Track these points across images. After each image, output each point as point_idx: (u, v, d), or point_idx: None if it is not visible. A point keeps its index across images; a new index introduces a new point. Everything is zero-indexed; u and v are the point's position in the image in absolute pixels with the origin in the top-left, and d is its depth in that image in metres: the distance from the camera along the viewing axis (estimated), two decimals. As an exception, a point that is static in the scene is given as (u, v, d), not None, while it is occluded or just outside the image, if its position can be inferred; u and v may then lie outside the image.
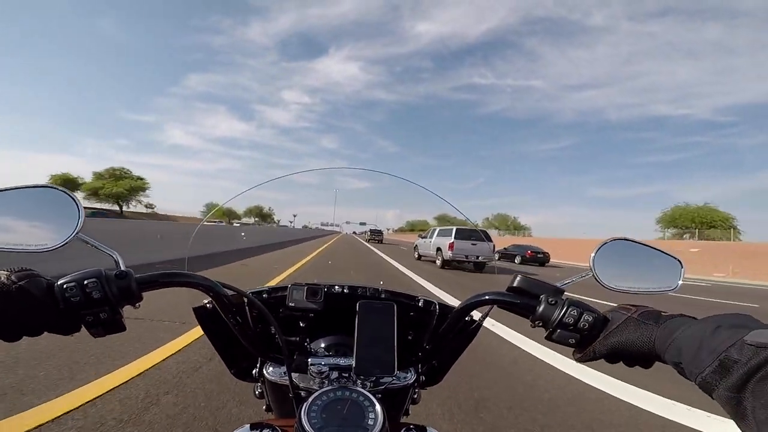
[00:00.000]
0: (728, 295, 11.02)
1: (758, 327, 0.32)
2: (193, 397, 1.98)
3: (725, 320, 0.35)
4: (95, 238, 0.46)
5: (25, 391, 1.92)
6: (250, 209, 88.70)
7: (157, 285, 0.48)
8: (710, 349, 0.33)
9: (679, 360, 0.36)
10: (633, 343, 0.41)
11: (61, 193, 0.46)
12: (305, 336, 0.64)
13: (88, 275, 0.43)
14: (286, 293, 0.63)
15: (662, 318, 0.41)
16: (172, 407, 1.86)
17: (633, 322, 0.42)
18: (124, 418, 1.73)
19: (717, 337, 0.33)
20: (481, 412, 2.07)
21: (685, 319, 0.39)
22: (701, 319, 0.37)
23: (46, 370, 2.15)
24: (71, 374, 2.14)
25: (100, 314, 0.43)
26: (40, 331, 0.41)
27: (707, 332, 0.34)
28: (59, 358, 2.33)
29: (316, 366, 0.58)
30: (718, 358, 0.32)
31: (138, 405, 1.85)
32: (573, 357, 0.48)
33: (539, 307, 0.49)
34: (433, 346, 0.66)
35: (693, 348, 0.34)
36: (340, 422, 0.45)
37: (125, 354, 2.48)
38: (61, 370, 2.19)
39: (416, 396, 0.70)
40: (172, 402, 1.92)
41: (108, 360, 2.37)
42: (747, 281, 18.20)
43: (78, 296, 0.42)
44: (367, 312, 0.60)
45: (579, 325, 0.46)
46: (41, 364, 2.23)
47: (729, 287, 14.45)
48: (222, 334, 0.64)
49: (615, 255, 0.53)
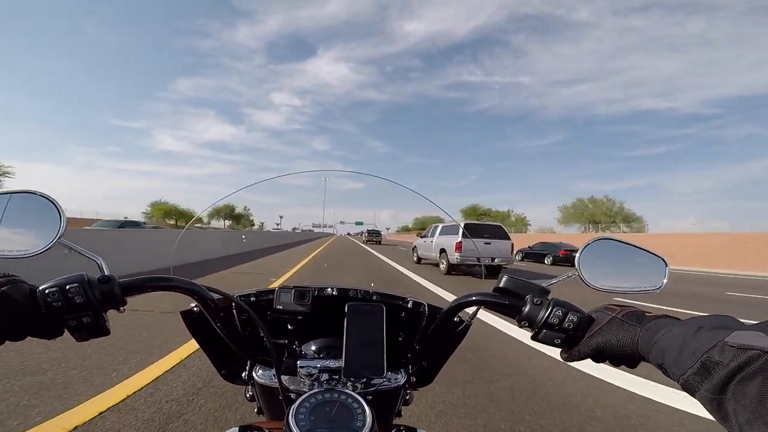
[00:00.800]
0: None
1: (739, 328, 0.32)
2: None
3: (707, 321, 0.35)
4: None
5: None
6: (217, 210, 72.09)
7: (142, 289, 0.48)
8: (691, 350, 0.33)
9: (663, 361, 0.36)
10: (617, 343, 0.41)
11: (42, 198, 0.46)
12: (294, 339, 0.64)
13: (70, 280, 0.43)
14: (273, 296, 0.62)
15: (646, 319, 0.41)
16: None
17: (617, 323, 0.42)
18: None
19: (698, 339, 0.33)
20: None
21: (668, 320, 0.39)
22: (684, 321, 0.37)
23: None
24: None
25: (83, 318, 0.43)
26: (23, 335, 0.42)
27: (689, 334, 0.34)
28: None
29: (306, 368, 0.58)
30: (700, 360, 0.32)
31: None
32: (561, 356, 0.48)
33: (525, 307, 0.49)
34: (423, 347, 0.66)
35: (675, 349, 0.35)
36: (329, 424, 0.45)
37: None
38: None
39: (408, 397, 0.70)
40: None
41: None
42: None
43: (60, 301, 0.42)
44: (356, 314, 0.60)
45: (564, 325, 0.46)
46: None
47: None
48: (211, 337, 0.64)
49: (600, 254, 0.53)
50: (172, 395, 2.05)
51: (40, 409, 1.83)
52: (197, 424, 1.77)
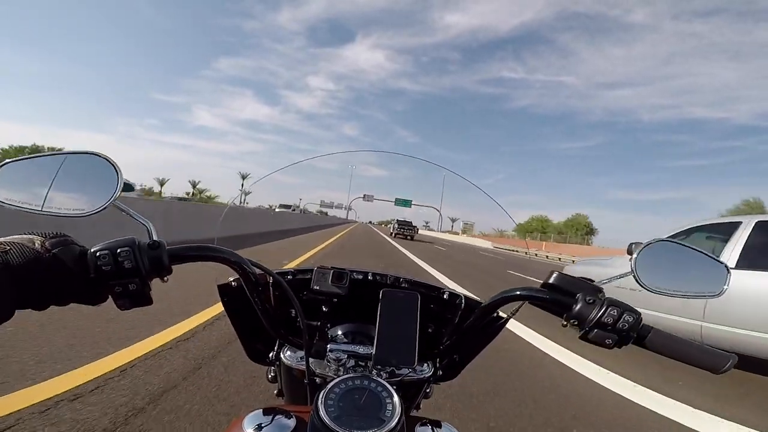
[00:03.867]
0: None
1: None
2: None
3: None
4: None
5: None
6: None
7: (188, 258, 0.48)
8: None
9: None
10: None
11: (103, 160, 0.47)
12: (326, 321, 0.63)
13: (122, 244, 0.42)
14: (311, 276, 0.62)
15: None
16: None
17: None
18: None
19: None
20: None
21: None
22: None
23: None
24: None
25: (129, 285, 0.42)
26: (68, 300, 0.41)
27: None
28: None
29: (335, 352, 0.58)
30: None
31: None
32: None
33: (576, 305, 0.47)
34: (455, 341, 0.64)
35: None
36: (357, 412, 0.44)
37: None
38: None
39: (429, 390, 0.68)
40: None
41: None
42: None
43: (110, 265, 0.41)
44: (390, 300, 0.59)
45: (618, 325, 0.44)
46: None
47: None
48: (242, 313, 0.64)
49: (657, 256, 0.51)
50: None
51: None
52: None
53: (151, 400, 1.69)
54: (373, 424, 0.42)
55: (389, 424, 0.42)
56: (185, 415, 1.63)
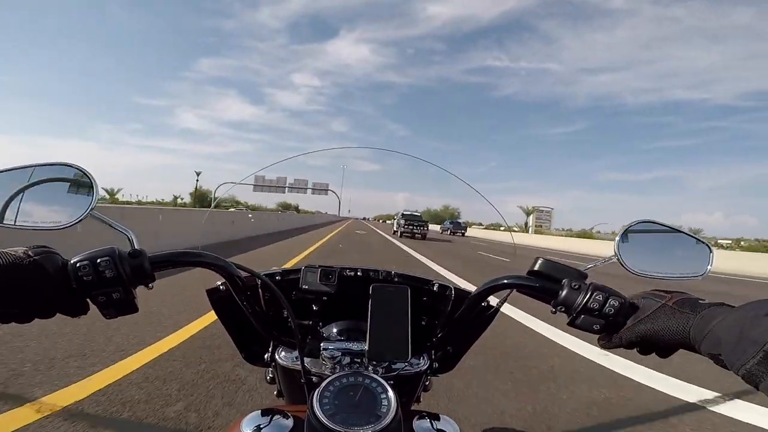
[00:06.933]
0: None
1: None
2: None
3: (764, 307, 0.33)
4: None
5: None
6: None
7: (171, 264, 0.47)
8: (752, 339, 0.31)
9: (718, 351, 0.34)
10: (666, 331, 0.39)
11: (76, 170, 0.46)
12: (318, 320, 0.63)
13: (101, 254, 0.42)
14: (299, 276, 0.62)
15: (700, 306, 0.39)
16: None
17: (668, 310, 0.40)
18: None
19: (759, 326, 0.31)
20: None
21: (724, 308, 0.37)
22: (738, 308, 0.35)
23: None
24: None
25: (113, 294, 0.42)
26: (53, 311, 0.40)
27: (747, 321, 0.32)
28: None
29: (329, 351, 0.58)
30: (763, 349, 0.30)
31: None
32: (598, 343, 0.47)
33: (562, 291, 0.47)
34: (447, 332, 0.65)
35: (733, 338, 0.33)
36: (353, 409, 0.44)
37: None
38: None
39: (428, 383, 0.69)
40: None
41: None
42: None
43: (91, 275, 0.41)
44: (380, 296, 0.59)
45: (604, 310, 0.44)
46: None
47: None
48: (234, 317, 0.64)
49: (640, 238, 0.51)
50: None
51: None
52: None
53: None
54: (370, 420, 0.42)
55: (385, 419, 0.42)
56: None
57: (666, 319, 0.40)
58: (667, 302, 0.41)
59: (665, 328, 0.40)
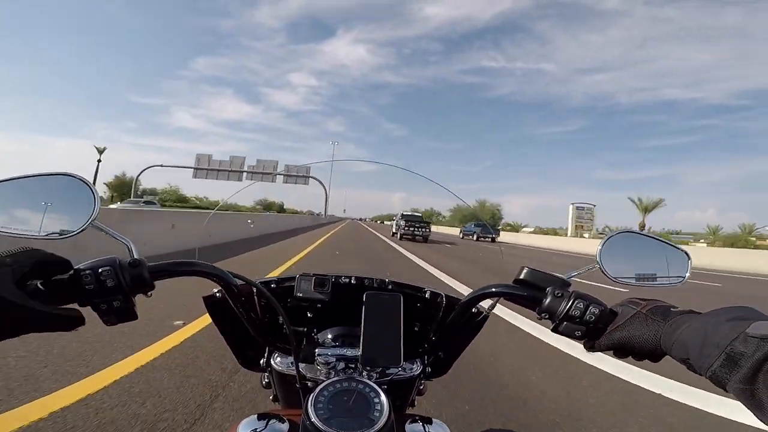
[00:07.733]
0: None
1: (759, 318, 0.32)
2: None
3: (726, 314, 0.35)
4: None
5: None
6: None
7: (169, 274, 0.49)
8: (714, 343, 0.33)
9: (686, 356, 0.36)
10: (639, 338, 0.41)
11: (77, 180, 0.47)
12: (312, 326, 0.65)
13: (103, 263, 0.43)
14: (294, 283, 0.63)
15: (671, 314, 0.41)
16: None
17: (641, 318, 0.42)
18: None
19: (719, 332, 0.33)
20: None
21: (692, 315, 0.39)
22: (703, 315, 0.37)
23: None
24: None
25: (114, 302, 0.43)
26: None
27: (709, 327, 0.34)
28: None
29: (323, 356, 0.59)
30: (724, 352, 0.32)
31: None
32: (584, 346, 0.48)
33: (545, 299, 0.49)
34: (440, 338, 0.66)
35: (698, 343, 0.34)
36: (346, 413, 0.45)
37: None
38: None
39: (422, 387, 0.70)
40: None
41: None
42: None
43: (92, 284, 0.42)
44: (373, 303, 0.60)
45: (585, 317, 0.46)
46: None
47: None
48: (230, 323, 0.65)
49: (622, 247, 0.52)
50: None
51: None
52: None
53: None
54: (363, 424, 0.43)
55: (378, 423, 0.43)
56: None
57: (639, 326, 0.42)
58: (641, 310, 0.43)
59: (638, 335, 0.41)
